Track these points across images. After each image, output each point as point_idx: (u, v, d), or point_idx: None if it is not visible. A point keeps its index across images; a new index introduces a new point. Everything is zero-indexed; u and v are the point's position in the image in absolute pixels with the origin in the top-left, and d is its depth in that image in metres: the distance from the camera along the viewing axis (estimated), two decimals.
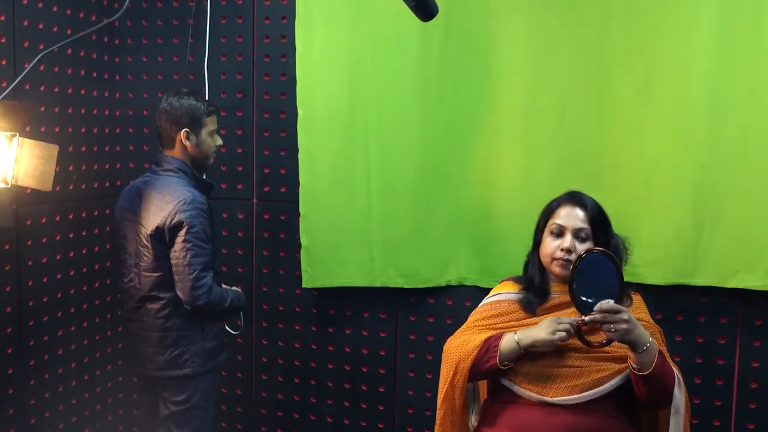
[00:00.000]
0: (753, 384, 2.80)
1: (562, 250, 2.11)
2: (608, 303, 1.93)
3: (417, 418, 3.23)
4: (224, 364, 2.89)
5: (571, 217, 2.14)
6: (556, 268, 2.15)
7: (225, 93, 3.34)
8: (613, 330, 1.92)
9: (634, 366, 1.97)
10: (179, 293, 2.62)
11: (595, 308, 1.94)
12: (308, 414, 3.40)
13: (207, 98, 3.20)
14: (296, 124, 3.18)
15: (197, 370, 2.71)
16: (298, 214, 3.23)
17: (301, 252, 3.20)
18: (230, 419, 3.52)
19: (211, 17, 3.30)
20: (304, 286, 3.22)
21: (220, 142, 2.82)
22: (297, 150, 3.20)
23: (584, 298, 1.98)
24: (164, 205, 2.62)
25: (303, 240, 3.19)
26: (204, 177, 2.85)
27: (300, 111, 3.14)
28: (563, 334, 2.02)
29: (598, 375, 2.04)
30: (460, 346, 2.18)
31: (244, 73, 3.32)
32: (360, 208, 3.10)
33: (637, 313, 2.10)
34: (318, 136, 3.12)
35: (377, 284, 3.14)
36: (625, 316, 1.92)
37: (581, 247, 2.11)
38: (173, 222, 2.59)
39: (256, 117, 3.32)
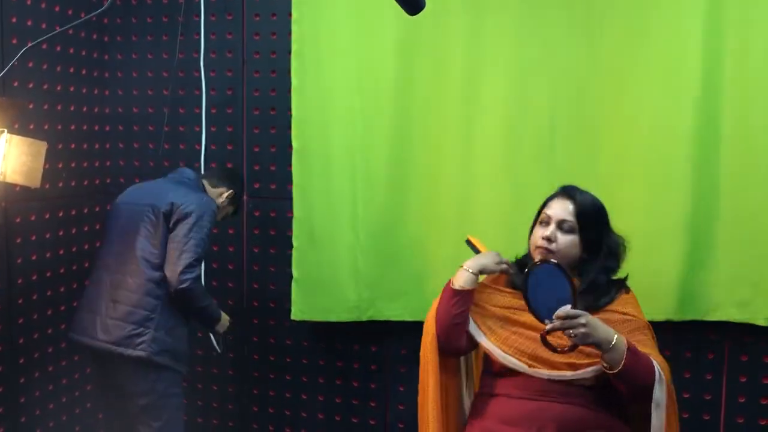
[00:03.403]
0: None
1: (543, 238, 2.14)
2: (564, 310, 1.94)
3: (408, 414, 3.23)
4: (184, 374, 2.88)
5: (559, 208, 2.16)
6: (537, 257, 2.17)
7: (215, 90, 3.33)
8: (573, 335, 1.93)
9: (604, 364, 1.98)
10: (167, 273, 2.69)
11: (554, 316, 1.95)
12: (299, 411, 3.40)
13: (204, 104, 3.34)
14: (286, 121, 3.19)
15: (149, 358, 2.71)
16: (289, 211, 3.24)
17: (292, 284, 3.20)
18: (221, 416, 3.51)
19: (202, 14, 3.29)
20: (293, 318, 3.21)
21: (218, 220, 3.04)
22: (287, 146, 3.20)
23: (541, 307, 2.00)
24: (183, 195, 2.79)
25: (294, 272, 3.19)
26: None
27: (294, 144, 3.14)
28: (505, 266, 2.22)
29: (579, 361, 2.05)
30: (426, 323, 2.28)
31: (234, 69, 3.31)
32: (348, 241, 3.10)
33: (624, 307, 2.11)
34: (311, 170, 3.13)
35: (364, 319, 3.13)
36: (582, 320, 1.92)
37: (563, 239, 2.12)
38: (186, 210, 2.74)
39: (246, 114, 3.31)
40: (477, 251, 2.29)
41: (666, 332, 2.86)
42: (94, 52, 3.37)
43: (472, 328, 2.19)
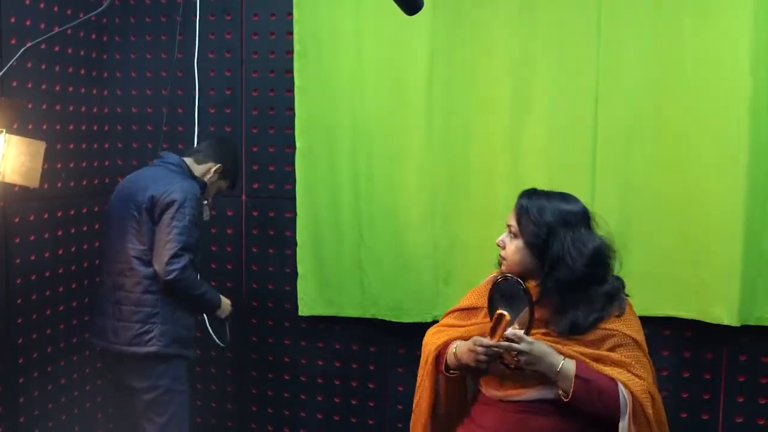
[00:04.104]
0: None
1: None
2: (513, 333, 1.88)
3: (407, 414, 3.21)
4: (191, 359, 2.93)
5: (511, 213, 2.06)
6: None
7: (214, 90, 3.33)
8: (516, 359, 1.89)
9: (560, 392, 1.91)
10: (155, 265, 2.71)
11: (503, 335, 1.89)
12: (298, 411, 3.40)
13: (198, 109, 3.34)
14: (285, 120, 3.20)
15: (162, 351, 2.75)
16: (288, 211, 3.25)
17: (298, 280, 3.24)
18: (220, 416, 3.51)
19: (200, 14, 3.29)
20: (300, 313, 3.25)
21: (212, 200, 3.04)
22: (285, 146, 3.23)
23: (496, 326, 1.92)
24: (163, 183, 2.76)
25: (299, 268, 3.23)
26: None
27: (298, 144, 3.16)
28: (484, 366, 1.93)
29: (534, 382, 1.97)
30: (425, 346, 2.17)
31: (232, 69, 3.31)
32: (351, 240, 3.14)
33: (612, 324, 1.97)
34: (315, 169, 3.16)
35: (368, 315, 3.17)
36: (523, 347, 1.86)
37: (510, 244, 2.02)
38: (167, 199, 2.71)
39: (244, 114, 3.31)
40: (494, 326, 1.92)
41: (665, 331, 2.87)
42: (93, 51, 3.36)
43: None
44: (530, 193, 2.05)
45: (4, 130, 2.37)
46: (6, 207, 2.89)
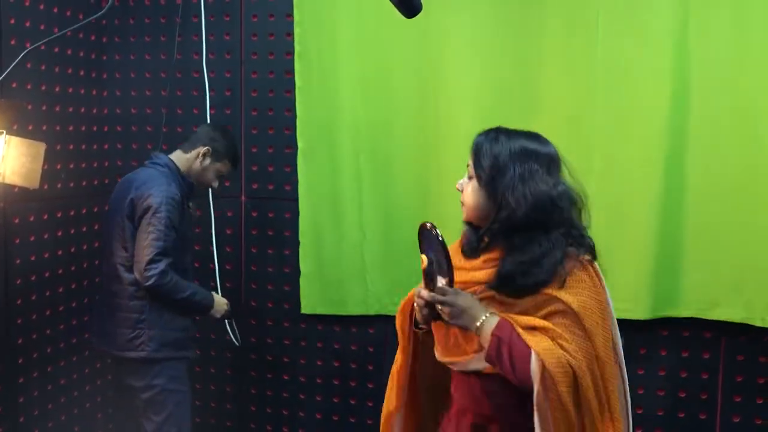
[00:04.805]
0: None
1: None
2: (441, 288, 1.73)
3: None
4: (191, 359, 2.96)
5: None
6: None
7: (213, 90, 3.33)
8: (440, 310, 1.74)
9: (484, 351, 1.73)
10: (135, 272, 2.73)
11: (420, 294, 1.76)
12: (297, 410, 3.41)
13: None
14: (284, 121, 3.22)
15: (151, 355, 2.77)
16: (287, 212, 3.26)
17: (300, 279, 3.26)
18: (219, 416, 3.52)
19: (199, 15, 3.29)
20: (302, 311, 3.28)
21: (216, 184, 2.97)
22: (284, 147, 3.24)
23: (429, 275, 1.78)
24: (142, 188, 2.76)
25: (302, 267, 3.25)
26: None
27: (300, 144, 3.18)
28: (426, 313, 1.79)
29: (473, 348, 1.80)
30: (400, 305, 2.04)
31: (232, 70, 3.32)
32: (354, 239, 3.16)
33: (555, 291, 1.70)
34: (317, 169, 3.18)
35: (372, 312, 3.19)
36: (447, 300, 1.71)
37: (468, 186, 1.84)
38: (144, 204, 2.72)
39: (244, 114, 3.32)
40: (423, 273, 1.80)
41: (662, 331, 2.87)
42: (93, 53, 3.37)
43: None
44: (489, 130, 1.84)
45: (4, 132, 2.38)
46: (6, 208, 2.89)
